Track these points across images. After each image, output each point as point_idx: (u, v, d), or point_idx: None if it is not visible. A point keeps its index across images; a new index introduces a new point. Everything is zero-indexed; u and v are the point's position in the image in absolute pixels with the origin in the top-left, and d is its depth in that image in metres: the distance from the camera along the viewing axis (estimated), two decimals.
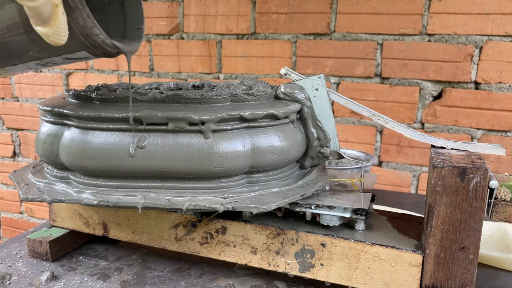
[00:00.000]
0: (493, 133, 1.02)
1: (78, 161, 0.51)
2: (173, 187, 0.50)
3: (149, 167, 0.49)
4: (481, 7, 0.97)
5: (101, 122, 0.49)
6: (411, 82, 1.06)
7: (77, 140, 0.51)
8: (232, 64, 1.23)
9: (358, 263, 0.50)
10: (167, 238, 0.59)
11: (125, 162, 0.49)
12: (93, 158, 0.50)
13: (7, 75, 0.52)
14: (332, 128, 0.57)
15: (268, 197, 0.50)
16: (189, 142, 0.48)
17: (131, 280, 0.58)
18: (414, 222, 0.56)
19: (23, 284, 0.57)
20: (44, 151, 0.54)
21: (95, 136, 0.50)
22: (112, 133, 0.49)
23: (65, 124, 0.53)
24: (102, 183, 0.52)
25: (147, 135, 0.49)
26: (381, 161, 1.13)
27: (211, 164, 0.48)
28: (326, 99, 0.57)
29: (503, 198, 0.46)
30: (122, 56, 1.35)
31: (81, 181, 0.53)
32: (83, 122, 0.50)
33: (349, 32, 1.09)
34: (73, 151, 0.51)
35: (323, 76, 0.57)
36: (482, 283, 0.58)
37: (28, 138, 1.55)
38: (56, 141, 0.53)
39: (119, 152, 0.49)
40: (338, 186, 0.59)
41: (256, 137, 0.51)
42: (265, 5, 1.16)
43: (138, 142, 0.48)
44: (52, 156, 0.53)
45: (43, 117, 0.56)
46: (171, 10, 1.26)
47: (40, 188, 0.53)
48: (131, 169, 0.49)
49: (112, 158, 0.49)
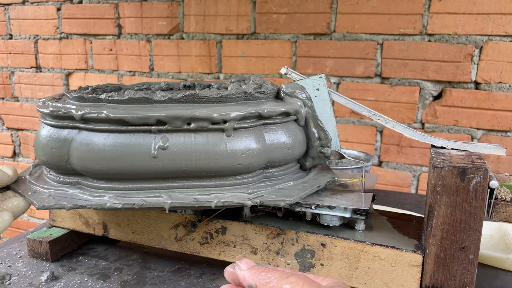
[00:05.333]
0: (493, 133, 1.02)
1: (95, 164, 0.48)
2: (196, 185, 0.50)
3: (172, 167, 0.48)
4: (481, 7, 0.97)
5: (120, 125, 0.48)
6: (411, 82, 1.06)
7: (94, 143, 0.48)
8: (232, 64, 1.23)
9: (358, 263, 0.50)
10: (167, 238, 0.59)
11: (148, 164, 0.48)
12: (113, 161, 0.48)
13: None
14: (333, 128, 0.57)
15: (289, 190, 0.51)
16: (212, 141, 0.49)
17: (131, 280, 0.58)
18: (414, 222, 0.56)
19: (23, 284, 0.57)
20: (51, 156, 0.51)
21: (114, 138, 0.48)
22: (132, 135, 0.48)
23: (75, 128, 0.50)
24: (121, 186, 0.50)
25: (168, 136, 0.48)
26: (381, 161, 1.13)
27: (234, 162, 0.49)
28: (327, 99, 0.57)
29: (503, 198, 0.46)
30: (122, 56, 1.36)
31: (96, 185, 0.50)
32: (100, 125, 0.48)
33: (349, 32, 1.09)
34: (90, 155, 0.48)
35: (324, 76, 0.57)
36: (482, 283, 0.58)
37: (28, 138, 1.55)
38: (66, 145, 0.50)
39: (140, 154, 0.48)
40: (339, 186, 0.59)
41: (272, 133, 0.52)
42: (265, 5, 1.16)
43: (160, 143, 0.48)
44: (61, 161, 0.51)
45: (48, 121, 0.52)
46: (171, 10, 1.26)
47: (52, 195, 0.50)
48: (154, 170, 0.48)
49: (134, 160, 0.48)
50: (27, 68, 1.50)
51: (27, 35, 1.47)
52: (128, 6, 1.30)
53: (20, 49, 1.49)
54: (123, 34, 1.34)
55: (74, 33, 1.40)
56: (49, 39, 1.44)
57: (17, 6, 1.45)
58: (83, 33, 1.39)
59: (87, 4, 1.36)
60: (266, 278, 0.35)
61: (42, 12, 1.42)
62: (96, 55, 1.39)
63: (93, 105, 0.51)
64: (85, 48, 1.40)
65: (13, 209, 0.47)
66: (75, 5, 1.37)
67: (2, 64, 1.53)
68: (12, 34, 1.49)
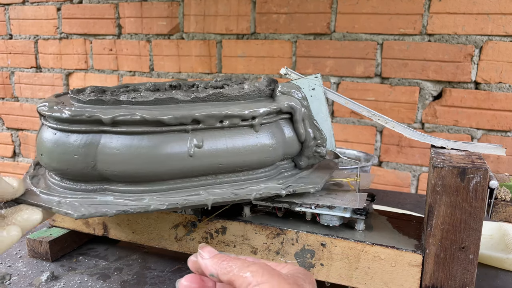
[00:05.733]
0: (493, 133, 1.02)
1: (129, 168, 0.47)
2: (229, 180, 0.52)
3: (207, 165, 0.49)
4: (481, 7, 0.97)
5: (156, 126, 0.47)
6: (411, 82, 1.06)
7: (128, 146, 0.47)
8: (232, 64, 1.23)
9: (358, 263, 0.50)
10: (167, 238, 0.59)
11: (185, 163, 0.48)
12: (150, 162, 0.47)
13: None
14: (329, 127, 0.58)
15: (309, 178, 0.55)
16: (243, 137, 0.51)
17: (131, 280, 0.58)
18: (414, 222, 0.56)
19: (23, 284, 0.57)
20: (74, 164, 0.48)
21: (150, 140, 0.47)
22: (168, 135, 0.48)
23: (102, 132, 0.47)
24: (157, 188, 0.49)
25: (202, 134, 0.49)
26: (381, 161, 1.13)
27: (263, 155, 0.52)
28: (323, 98, 0.58)
29: (503, 198, 0.46)
30: (122, 56, 1.36)
31: (129, 189, 0.49)
32: (133, 127, 0.47)
33: (349, 32, 1.09)
34: (122, 158, 0.47)
35: (319, 75, 0.58)
36: (482, 283, 0.58)
37: (28, 138, 1.55)
38: (92, 151, 0.47)
39: (178, 154, 0.48)
40: (334, 186, 0.59)
41: (286, 127, 0.55)
42: (265, 5, 1.16)
43: (195, 142, 0.48)
44: (86, 168, 0.48)
45: (65, 126, 0.48)
46: (171, 10, 1.26)
47: (81, 203, 0.47)
48: (191, 169, 0.49)
49: (172, 160, 0.48)
50: (27, 68, 1.50)
51: (27, 35, 1.47)
52: (128, 6, 1.30)
53: (20, 49, 1.49)
54: (123, 34, 1.34)
55: (74, 33, 1.40)
56: (49, 39, 1.44)
57: (17, 6, 1.45)
58: (83, 33, 1.39)
59: (87, 4, 1.36)
60: (228, 267, 0.35)
61: (42, 12, 1.42)
62: (96, 55, 1.39)
63: (115, 107, 0.49)
64: (85, 48, 1.40)
65: (22, 223, 0.42)
66: (75, 5, 1.37)
67: (2, 64, 1.53)
68: (12, 34, 1.49)
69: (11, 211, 0.44)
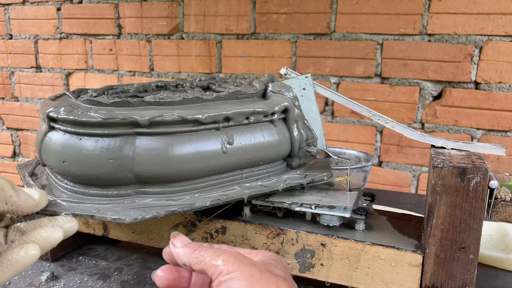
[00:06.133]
0: (493, 133, 1.02)
1: (169, 168, 0.47)
2: (254, 174, 0.55)
3: (237, 160, 0.52)
4: (481, 7, 0.97)
5: (193, 125, 0.48)
6: (411, 82, 1.07)
7: (168, 146, 0.47)
8: (232, 64, 1.23)
9: (358, 263, 0.50)
10: (167, 238, 0.59)
11: (220, 160, 0.50)
12: (189, 161, 0.48)
13: None
14: (319, 127, 0.59)
15: (317, 169, 0.58)
16: (264, 132, 0.54)
17: (131, 280, 0.58)
18: (414, 222, 0.56)
19: (23, 284, 0.57)
20: (109, 168, 0.46)
21: (188, 139, 0.48)
22: (203, 134, 0.49)
23: (136, 134, 0.47)
24: (191, 186, 0.50)
25: (232, 131, 0.51)
26: (381, 161, 1.13)
27: (282, 149, 0.55)
28: (313, 98, 0.59)
29: (503, 198, 0.46)
30: (122, 56, 1.36)
31: (165, 190, 0.49)
32: (170, 127, 0.47)
33: (349, 32, 1.09)
34: (163, 159, 0.47)
35: (310, 75, 0.58)
36: (482, 283, 0.58)
37: (28, 138, 1.55)
38: (128, 154, 0.46)
39: (213, 152, 0.49)
40: (325, 185, 0.60)
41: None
42: (265, 5, 1.16)
43: (226, 139, 0.50)
44: (122, 171, 0.46)
45: (95, 130, 0.46)
46: (171, 10, 1.26)
47: (123, 208, 0.46)
48: (225, 165, 0.51)
49: (209, 158, 0.49)
50: (27, 68, 1.50)
51: (27, 35, 1.47)
52: (128, 6, 1.30)
53: (20, 49, 1.49)
54: (123, 34, 1.34)
55: (74, 33, 1.40)
56: (49, 39, 1.44)
57: (17, 6, 1.45)
58: (83, 33, 1.39)
59: (87, 4, 1.36)
60: (199, 257, 0.35)
61: (42, 12, 1.42)
62: (96, 55, 1.39)
63: (144, 108, 0.48)
64: (85, 48, 1.40)
65: (41, 242, 0.37)
66: (75, 5, 1.37)
67: (2, 64, 1.53)
68: (12, 34, 1.49)
69: (31, 225, 0.40)
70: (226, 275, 0.32)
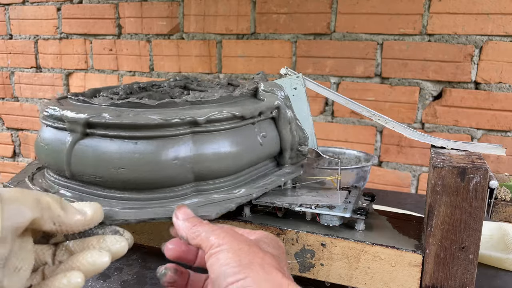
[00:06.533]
0: (493, 133, 1.02)
1: (228, 162, 0.49)
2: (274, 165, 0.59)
3: (268, 152, 0.56)
4: (481, 7, 0.97)
5: (239, 120, 0.50)
6: (411, 82, 1.07)
7: (225, 142, 0.49)
8: (232, 64, 1.23)
9: (358, 263, 0.50)
10: (167, 238, 0.59)
11: (259, 151, 0.54)
12: (238, 155, 0.50)
13: None
14: (310, 126, 0.59)
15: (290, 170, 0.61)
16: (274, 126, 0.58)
17: (131, 280, 0.58)
18: (414, 222, 0.56)
19: None
20: (173, 169, 0.46)
21: (235, 134, 0.51)
22: (245, 128, 0.52)
23: (192, 133, 0.47)
24: (237, 180, 0.52)
25: (262, 125, 0.55)
26: (381, 161, 1.13)
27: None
28: (305, 98, 0.59)
29: (503, 198, 0.46)
30: (122, 56, 1.35)
31: (221, 185, 0.50)
32: (222, 124, 0.49)
33: (349, 32, 1.09)
34: (223, 154, 0.48)
35: (301, 75, 0.59)
36: (482, 283, 0.58)
37: (28, 138, 1.55)
38: (190, 152, 0.46)
39: (254, 145, 0.53)
40: (316, 184, 0.60)
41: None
42: (265, 5, 1.16)
43: (261, 131, 0.54)
44: (183, 171, 0.46)
45: (158, 132, 0.45)
46: (171, 10, 1.26)
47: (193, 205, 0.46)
48: (262, 156, 0.55)
49: (253, 151, 0.53)
50: (27, 68, 1.50)
51: (27, 35, 1.47)
52: (128, 6, 1.30)
53: (20, 49, 1.49)
54: (123, 34, 1.34)
55: (74, 33, 1.40)
56: (49, 39, 1.44)
57: (17, 6, 1.45)
58: (83, 33, 1.39)
59: (87, 4, 1.36)
60: (196, 232, 0.36)
61: (42, 12, 1.42)
62: (96, 55, 1.39)
63: (188, 108, 0.49)
64: (85, 48, 1.40)
65: (87, 267, 0.34)
66: (75, 5, 1.37)
67: (2, 64, 1.53)
68: (12, 34, 1.49)
69: (80, 245, 0.37)
70: (216, 248, 0.33)
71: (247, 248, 0.33)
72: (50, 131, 0.50)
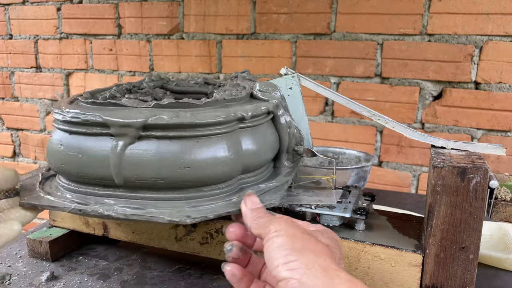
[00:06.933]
0: (493, 133, 1.02)
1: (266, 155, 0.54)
2: None
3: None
4: (481, 7, 0.97)
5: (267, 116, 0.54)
6: (411, 82, 1.06)
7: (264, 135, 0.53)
8: (232, 64, 1.23)
9: (358, 263, 0.50)
10: (167, 238, 0.59)
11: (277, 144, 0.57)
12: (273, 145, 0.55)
13: None
14: (306, 126, 0.59)
15: None
16: None
17: (131, 280, 0.58)
18: (414, 222, 0.56)
19: (23, 284, 0.57)
20: (231, 163, 0.47)
21: (266, 129, 0.54)
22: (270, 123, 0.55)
23: (239, 128, 0.50)
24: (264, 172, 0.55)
25: None
26: (381, 161, 1.13)
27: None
28: (300, 97, 0.59)
29: (503, 198, 0.46)
30: (122, 56, 1.35)
31: (259, 175, 0.53)
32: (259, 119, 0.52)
33: (349, 32, 1.09)
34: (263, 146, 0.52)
35: (296, 75, 0.59)
36: (482, 283, 0.58)
37: (28, 138, 1.55)
38: (239, 147, 0.48)
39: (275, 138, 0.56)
40: (312, 184, 0.60)
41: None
42: (265, 5, 1.16)
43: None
44: (236, 165, 0.48)
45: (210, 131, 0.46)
46: (171, 10, 1.26)
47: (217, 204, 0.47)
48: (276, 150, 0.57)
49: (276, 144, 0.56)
50: (27, 68, 1.50)
51: (27, 35, 1.47)
52: (128, 6, 1.30)
53: (20, 49, 1.49)
54: (123, 34, 1.34)
55: (74, 33, 1.40)
56: (49, 39, 1.44)
57: (17, 6, 1.45)
58: (83, 33, 1.39)
59: (87, 4, 1.36)
60: (259, 223, 0.39)
61: (42, 12, 1.42)
62: (96, 55, 1.39)
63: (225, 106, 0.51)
64: (85, 48, 1.40)
65: (20, 219, 0.45)
66: (75, 5, 1.37)
67: (2, 64, 1.53)
68: (12, 34, 1.49)
69: (5, 204, 0.46)
70: (273, 233, 0.36)
71: (300, 234, 0.35)
72: (83, 139, 0.47)
